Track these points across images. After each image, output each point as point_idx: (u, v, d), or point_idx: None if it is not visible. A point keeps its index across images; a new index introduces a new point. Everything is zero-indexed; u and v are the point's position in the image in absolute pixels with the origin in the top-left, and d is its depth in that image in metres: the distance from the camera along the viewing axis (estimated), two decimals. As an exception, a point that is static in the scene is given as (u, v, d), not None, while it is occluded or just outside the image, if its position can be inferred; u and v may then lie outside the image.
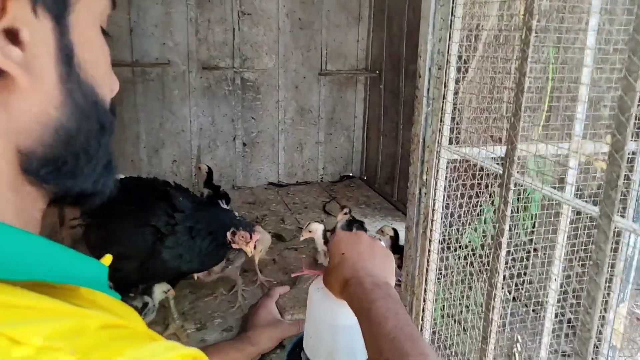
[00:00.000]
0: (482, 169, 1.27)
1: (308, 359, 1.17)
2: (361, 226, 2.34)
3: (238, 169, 3.49)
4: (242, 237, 1.62)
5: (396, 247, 2.16)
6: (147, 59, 3.10)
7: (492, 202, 1.42)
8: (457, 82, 1.20)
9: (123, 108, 3.12)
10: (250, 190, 3.48)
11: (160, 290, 1.67)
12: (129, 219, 1.58)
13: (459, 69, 1.19)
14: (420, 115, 1.26)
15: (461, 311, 1.33)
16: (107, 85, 0.44)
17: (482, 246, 1.36)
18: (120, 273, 1.58)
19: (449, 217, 1.31)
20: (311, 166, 3.71)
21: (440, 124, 1.21)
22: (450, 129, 1.22)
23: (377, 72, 3.43)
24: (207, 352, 1.53)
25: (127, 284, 1.70)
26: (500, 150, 1.03)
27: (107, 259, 0.48)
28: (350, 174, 3.80)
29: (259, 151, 3.54)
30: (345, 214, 2.40)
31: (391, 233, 2.25)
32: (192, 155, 3.36)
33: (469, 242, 1.43)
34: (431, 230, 1.28)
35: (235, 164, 3.48)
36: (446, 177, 1.25)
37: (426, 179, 1.27)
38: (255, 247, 1.67)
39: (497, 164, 1.06)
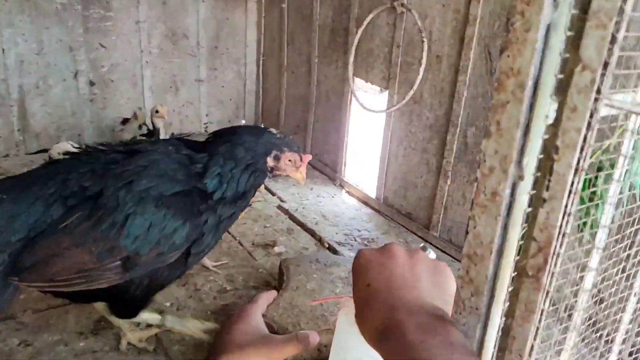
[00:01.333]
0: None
1: None
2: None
3: (85, 118, 2.49)
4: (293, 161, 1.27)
5: None
6: None
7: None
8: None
9: None
10: (107, 148, 2.51)
11: None
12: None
13: None
14: (533, 25, 0.54)
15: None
16: None
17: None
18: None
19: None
20: (191, 112, 2.82)
21: (612, 44, 0.51)
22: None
23: (277, -16, 2.58)
24: None
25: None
26: None
27: None
28: (243, 121, 2.98)
29: (115, 93, 2.55)
30: None
31: None
32: (11, 101, 2.27)
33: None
34: (552, 275, 0.61)
35: (80, 111, 2.46)
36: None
37: (550, 173, 0.58)
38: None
39: None
